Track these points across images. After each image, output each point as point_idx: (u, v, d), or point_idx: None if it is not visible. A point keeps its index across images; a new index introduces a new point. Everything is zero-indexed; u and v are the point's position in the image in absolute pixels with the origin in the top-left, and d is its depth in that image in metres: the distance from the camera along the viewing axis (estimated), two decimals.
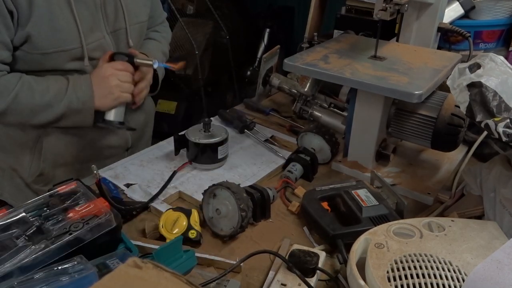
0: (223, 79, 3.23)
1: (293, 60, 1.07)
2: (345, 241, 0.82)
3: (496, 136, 0.72)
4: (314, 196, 0.95)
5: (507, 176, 0.84)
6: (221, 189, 0.89)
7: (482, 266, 0.62)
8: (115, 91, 1.06)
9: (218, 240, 0.89)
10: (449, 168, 1.12)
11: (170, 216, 0.88)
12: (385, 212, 0.87)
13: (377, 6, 1.01)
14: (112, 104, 1.08)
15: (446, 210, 0.96)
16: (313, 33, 1.59)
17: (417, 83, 0.95)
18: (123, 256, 0.75)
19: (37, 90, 1.00)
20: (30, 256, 0.67)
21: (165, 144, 1.22)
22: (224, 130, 1.11)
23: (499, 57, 0.81)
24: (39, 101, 1.00)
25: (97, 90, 1.05)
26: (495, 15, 1.35)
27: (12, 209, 0.76)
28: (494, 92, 0.75)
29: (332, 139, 1.13)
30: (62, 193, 0.81)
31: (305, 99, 1.26)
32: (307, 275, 0.75)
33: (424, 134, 1.03)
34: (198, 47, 2.81)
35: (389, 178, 1.07)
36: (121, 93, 1.07)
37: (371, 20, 1.44)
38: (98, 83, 1.05)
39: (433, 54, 1.15)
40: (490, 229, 0.77)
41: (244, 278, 0.80)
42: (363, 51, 1.13)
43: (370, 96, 1.02)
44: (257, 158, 1.16)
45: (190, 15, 2.99)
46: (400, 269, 0.67)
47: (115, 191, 0.98)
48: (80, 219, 0.75)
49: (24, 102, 0.99)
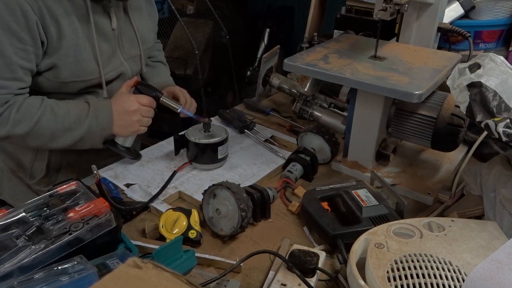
0: (223, 79, 3.23)
1: (293, 60, 1.07)
2: (345, 241, 0.82)
3: (496, 136, 0.72)
4: (314, 196, 0.95)
5: (507, 176, 0.84)
6: (221, 189, 0.89)
7: (482, 266, 0.62)
8: (135, 125, 1.08)
9: (218, 240, 0.89)
10: (449, 168, 1.12)
11: (170, 216, 0.88)
12: (385, 212, 0.87)
13: (377, 6, 1.01)
14: (129, 134, 1.10)
15: (446, 210, 0.96)
16: (313, 33, 1.59)
17: (417, 83, 0.95)
18: (123, 256, 0.75)
19: (59, 115, 1.02)
20: (30, 256, 0.67)
21: (165, 144, 1.22)
22: (224, 130, 1.11)
23: (499, 57, 0.81)
24: (60, 125, 1.01)
25: (118, 120, 1.06)
26: (495, 15, 1.35)
27: (12, 209, 0.76)
28: (494, 92, 0.75)
29: (332, 139, 1.13)
30: (62, 193, 0.81)
31: (305, 99, 1.26)
32: (307, 275, 0.75)
33: (424, 134, 1.03)
34: (198, 47, 2.81)
35: (389, 178, 1.07)
36: (140, 127, 1.09)
37: (371, 20, 1.45)
38: (121, 114, 1.06)
39: (433, 54, 1.15)
40: (490, 229, 0.77)
41: (244, 278, 0.80)
42: (363, 51, 1.13)
43: (370, 96, 1.02)
44: (257, 158, 1.16)
45: (190, 15, 2.99)
46: (400, 269, 0.67)
47: (115, 191, 0.98)
48: (80, 219, 0.75)
49: (46, 126, 1.00)
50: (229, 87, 3.25)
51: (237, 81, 3.15)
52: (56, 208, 0.77)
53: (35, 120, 0.99)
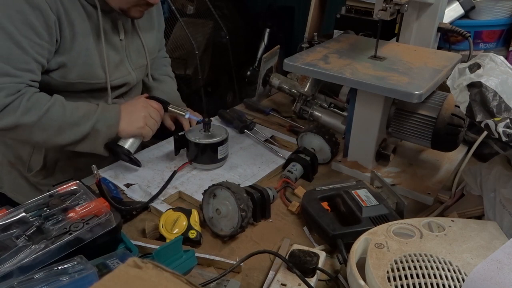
0: (223, 79, 3.22)
1: (293, 60, 1.07)
2: (345, 241, 0.82)
3: (496, 136, 0.72)
4: (314, 196, 0.95)
5: (507, 176, 0.84)
6: (221, 189, 0.89)
7: (482, 266, 0.62)
8: (141, 121, 1.09)
9: (218, 240, 0.89)
10: (449, 168, 1.12)
11: (170, 216, 0.88)
12: (385, 212, 0.87)
13: (377, 6, 1.01)
14: (134, 132, 1.09)
15: (446, 210, 0.96)
16: (313, 33, 1.59)
17: (417, 83, 0.95)
18: (123, 256, 0.75)
19: (68, 108, 1.03)
20: (30, 256, 0.67)
21: (165, 144, 1.22)
22: (224, 130, 1.12)
23: (499, 57, 0.81)
24: (69, 118, 1.03)
25: (125, 116, 1.08)
26: (495, 15, 1.35)
27: (12, 209, 0.76)
28: (494, 92, 0.75)
29: (332, 139, 1.13)
30: (62, 193, 0.81)
31: (305, 99, 1.26)
32: (307, 275, 0.75)
33: (424, 134, 1.03)
34: (198, 47, 2.81)
35: (389, 178, 1.07)
36: (146, 126, 1.10)
37: (371, 20, 1.45)
38: (128, 109, 1.09)
39: (433, 54, 1.15)
40: (490, 229, 0.77)
41: (244, 278, 0.80)
42: (363, 51, 1.13)
43: (370, 96, 1.02)
44: (257, 158, 1.16)
45: (190, 15, 2.99)
46: (400, 269, 0.67)
47: (115, 191, 0.98)
48: (80, 219, 0.75)
49: (55, 117, 1.01)
50: (229, 87, 3.25)
51: (237, 81, 3.15)
52: (56, 208, 0.77)
53: (45, 110, 1.00)
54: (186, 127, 1.21)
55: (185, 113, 1.15)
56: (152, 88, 1.34)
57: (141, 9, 1.09)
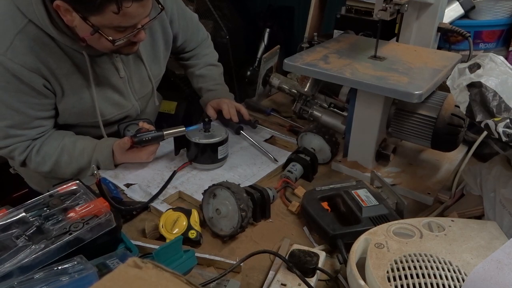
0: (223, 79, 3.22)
1: (293, 60, 1.07)
2: (345, 241, 0.82)
3: (496, 136, 0.72)
4: (314, 196, 0.95)
5: (507, 176, 0.84)
6: (221, 189, 0.89)
7: (482, 266, 0.62)
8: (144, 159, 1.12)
9: (218, 240, 0.89)
10: (449, 168, 1.12)
11: (170, 216, 0.88)
12: (385, 212, 0.87)
13: (377, 6, 1.01)
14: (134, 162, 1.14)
15: (446, 210, 0.96)
16: (313, 33, 1.59)
17: (417, 83, 0.95)
18: (123, 256, 0.75)
19: (74, 156, 1.11)
20: (30, 256, 0.67)
21: (165, 144, 1.22)
22: (224, 130, 1.11)
23: (499, 57, 0.81)
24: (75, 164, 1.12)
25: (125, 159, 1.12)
26: (495, 15, 1.35)
27: (12, 209, 0.76)
28: (494, 92, 0.75)
29: (332, 139, 1.13)
30: (62, 193, 0.81)
31: (305, 99, 1.26)
32: (307, 275, 0.75)
33: (424, 134, 1.03)
34: None
35: (389, 178, 1.07)
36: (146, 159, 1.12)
37: (371, 20, 1.45)
38: (131, 158, 1.12)
39: (433, 54, 1.15)
40: (490, 229, 0.77)
41: (244, 278, 0.80)
42: (363, 51, 1.13)
43: (370, 96, 1.02)
44: (257, 158, 1.16)
45: None
46: (400, 269, 0.67)
47: (115, 191, 0.98)
48: (80, 219, 0.75)
49: (63, 165, 1.12)
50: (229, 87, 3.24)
51: (237, 81, 3.14)
52: (56, 208, 0.77)
53: (53, 162, 1.11)
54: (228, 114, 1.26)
55: (184, 131, 1.11)
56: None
57: (131, 46, 1.05)
